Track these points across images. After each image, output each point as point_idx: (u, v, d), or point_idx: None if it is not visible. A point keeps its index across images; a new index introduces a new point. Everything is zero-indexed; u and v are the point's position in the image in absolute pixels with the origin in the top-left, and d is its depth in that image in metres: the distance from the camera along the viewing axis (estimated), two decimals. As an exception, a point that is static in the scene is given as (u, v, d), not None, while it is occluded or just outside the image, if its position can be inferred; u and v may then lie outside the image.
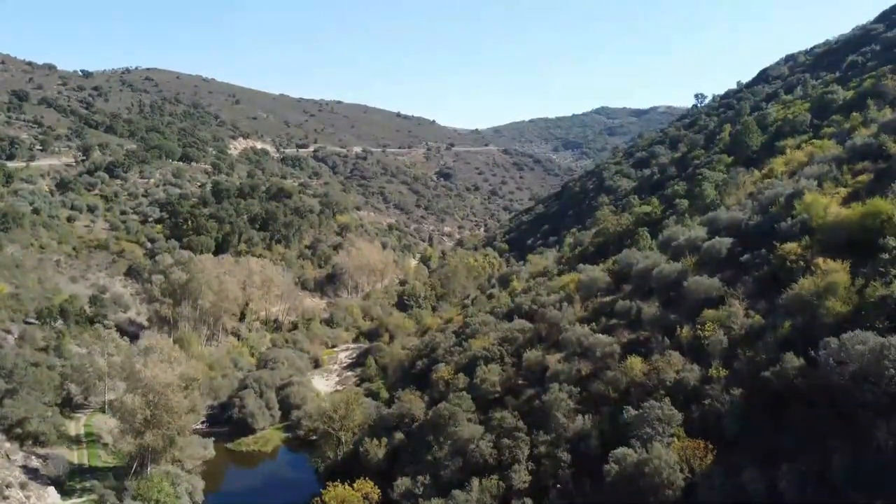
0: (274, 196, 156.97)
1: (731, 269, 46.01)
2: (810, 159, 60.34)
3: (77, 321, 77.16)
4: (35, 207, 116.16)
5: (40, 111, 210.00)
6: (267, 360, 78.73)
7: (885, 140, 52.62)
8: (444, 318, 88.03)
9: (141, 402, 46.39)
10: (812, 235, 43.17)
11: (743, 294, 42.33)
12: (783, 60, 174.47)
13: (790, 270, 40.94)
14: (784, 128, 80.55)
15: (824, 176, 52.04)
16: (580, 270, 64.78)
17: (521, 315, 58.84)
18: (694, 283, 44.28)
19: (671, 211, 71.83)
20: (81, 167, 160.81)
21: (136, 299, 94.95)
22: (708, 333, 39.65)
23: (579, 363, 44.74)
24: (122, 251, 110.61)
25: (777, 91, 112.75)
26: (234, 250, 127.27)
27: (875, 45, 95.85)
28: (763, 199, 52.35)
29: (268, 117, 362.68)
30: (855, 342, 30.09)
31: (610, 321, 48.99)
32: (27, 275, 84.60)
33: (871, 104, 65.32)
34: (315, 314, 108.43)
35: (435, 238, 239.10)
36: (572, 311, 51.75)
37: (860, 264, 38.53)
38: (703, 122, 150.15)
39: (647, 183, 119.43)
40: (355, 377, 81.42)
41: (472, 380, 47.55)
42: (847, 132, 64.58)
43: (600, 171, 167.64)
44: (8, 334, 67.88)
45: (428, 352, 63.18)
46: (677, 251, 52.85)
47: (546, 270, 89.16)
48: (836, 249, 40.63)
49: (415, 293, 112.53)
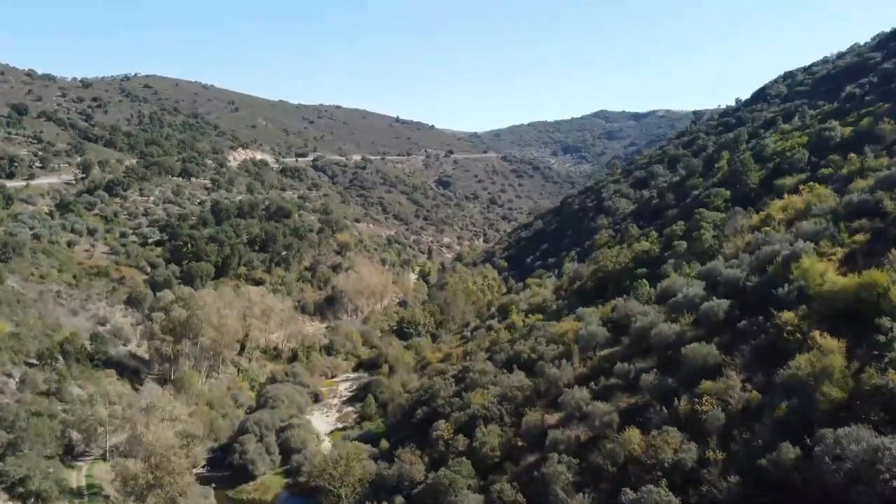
0: (273, 215, 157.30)
1: (728, 334, 46.44)
2: (807, 209, 60.83)
3: (77, 359, 77.42)
4: (35, 233, 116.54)
5: (40, 125, 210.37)
6: (267, 397, 78.95)
7: (882, 197, 52.99)
8: (444, 351, 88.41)
9: (143, 466, 46.72)
10: (809, 304, 43.55)
11: (740, 364, 42.70)
12: (781, 77, 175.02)
13: (787, 342, 41.40)
14: (782, 165, 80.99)
15: (821, 234, 52.41)
16: (579, 315, 65.22)
17: (521, 365, 59.21)
18: (692, 351, 44.64)
19: (670, 252, 72.03)
20: (81, 185, 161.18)
21: (136, 330, 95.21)
22: (705, 408, 40.02)
23: (578, 428, 45.10)
24: (122, 278, 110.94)
25: (775, 118, 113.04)
26: (234, 273, 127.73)
27: (873, 77, 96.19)
28: (761, 256, 52.68)
29: (267, 125, 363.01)
30: (850, 440, 30.39)
31: (609, 380, 49.36)
32: (28, 310, 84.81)
33: (869, 152, 65.47)
34: (315, 341, 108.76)
35: (434, 250, 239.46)
36: (571, 369, 52.09)
37: (857, 339, 38.90)
38: (702, 141, 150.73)
39: (646, 208, 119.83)
40: (355, 413, 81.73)
41: (472, 441, 47.85)
42: (844, 179, 65.06)
43: (599, 190, 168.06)
44: (9, 378, 68.10)
45: (427, 398, 63.43)
46: (675, 307, 53.27)
47: (545, 302, 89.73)
48: (833, 320, 41.15)
49: (414, 320, 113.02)
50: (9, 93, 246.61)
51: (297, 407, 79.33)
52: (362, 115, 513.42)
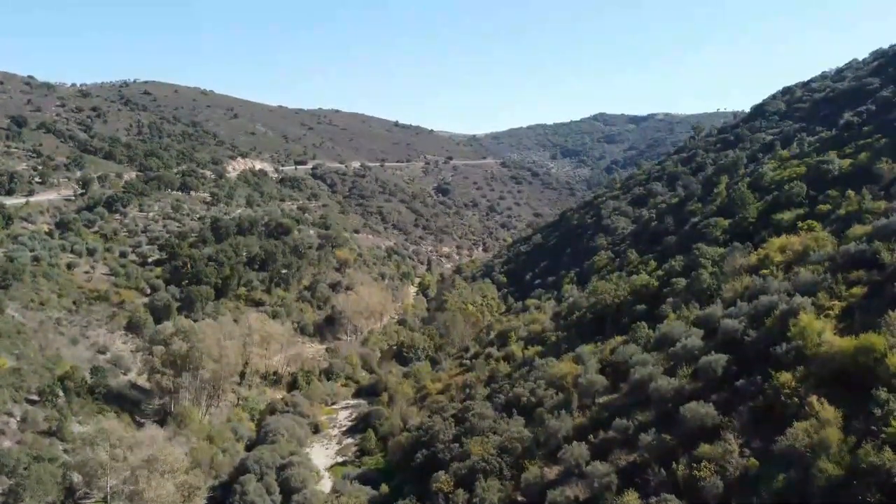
0: (273, 231, 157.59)
1: (727, 391, 46.79)
2: (805, 252, 61.18)
3: (78, 393, 77.68)
4: (35, 255, 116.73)
5: (39, 137, 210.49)
6: (267, 430, 79.27)
7: (880, 248, 53.31)
8: (443, 381, 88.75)
9: (144, 524, 47.10)
10: (807, 363, 43.92)
11: (738, 426, 43.01)
12: (780, 93, 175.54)
13: (785, 405, 41.76)
14: (780, 198, 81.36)
15: (819, 285, 52.76)
16: (578, 355, 65.66)
17: (520, 409, 59.71)
18: (690, 411, 44.92)
19: (669, 289, 72.42)
20: (81, 201, 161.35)
21: (135, 357, 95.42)
22: (704, 474, 40.32)
23: (577, 487, 45.38)
24: (122, 302, 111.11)
25: (773, 142, 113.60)
26: (234, 294, 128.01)
27: (871, 105, 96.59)
28: (759, 307, 53.04)
29: (266, 132, 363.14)
30: (847, 525, 30.72)
31: (608, 433, 49.69)
32: (28, 342, 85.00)
33: (867, 194, 65.83)
34: (314, 365, 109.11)
35: (433, 261, 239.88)
36: (570, 420, 52.47)
37: (855, 406, 39.17)
38: (701, 158, 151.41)
39: (645, 230, 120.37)
40: (355, 446, 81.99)
41: (472, 497, 48.19)
42: (842, 220, 65.42)
43: (598, 206, 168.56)
44: (10, 418, 68.31)
45: (428, 439, 63.83)
46: (674, 357, 53.75)
47: (544, 332, 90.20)
48: (831, 384, 41.58)
49: (413, 344, 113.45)
50: (8, 103, 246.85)
51: (297, 440, 79.56)
52: (361, 119, 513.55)
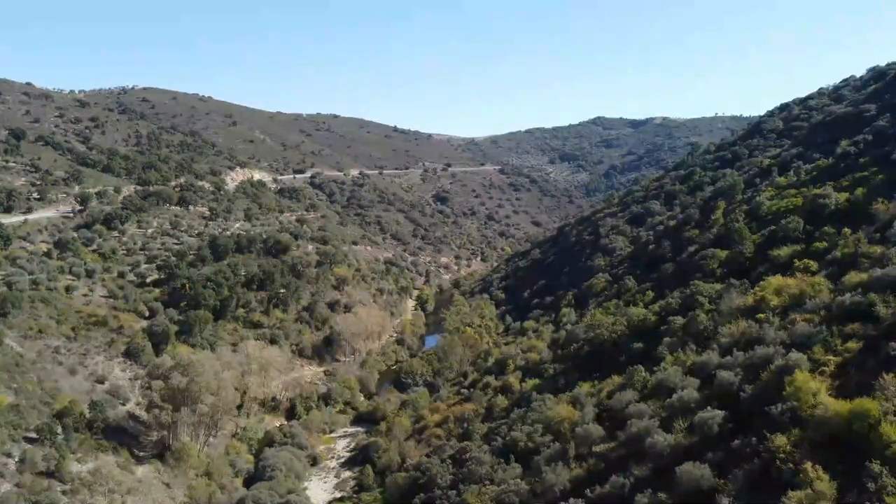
0: (271, 249, 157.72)
1: (722, 450, 47.13)
2: (801, 297, 61.56)
3: (76, 429, 77.78)
4: (34, 279, 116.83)
5: (37, 150, 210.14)
6: (265, 465, 79.51)
7: (875, 300, 53.66)
8: (442, 412, 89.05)
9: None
10: (802, 425, 44.29)
11: (734, 489, 43.30)
12: (778, 109, 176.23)
13: (780, 469, 42.10)
14: (777, 233, 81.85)
15: (814, 338, 53.12)
16: (575, 396, 66.10)
17: (517, 455, 60.15)
18: (686, 473, 45.20)
19: (666, 327, 72.85)
20: (79, 219, 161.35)
21: (134, 385, 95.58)
22: (699, 544, 40.69)
23: (574, 546, 45.80)
24: (120, 327, 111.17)
25: (770, 168, 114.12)
26: (232, 316, 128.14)
27: (868, 135, 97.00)
28: (755, 359, 53.39)
29: (265, 140, 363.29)
30: None
31: (604, 488, 50.03)
32: (26, 375, 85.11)
33: (863, 238, 66.20)
34: (313, 391, 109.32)
35: (432, 272, 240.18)
36: (566, 472, 52.78)
37: (850, 473, 39.51)
38: (699, 177, 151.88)
39: (643, 252, 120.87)
40: (353, 479, 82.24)
41: (469, 554, 48.41)
42: (839, 263, 65.78)
43: (596, 222, 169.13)
44: (9, 458, 68.38)
45: (425, 482, 64.19)
46: (670, 409, 54.12)
47: (542, 362, 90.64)
48: (825, 448, 41.99)
49: (412, 370, 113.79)
50: (6, 114, 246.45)
51: (296, 474, 79.81)
52: (360, 124, 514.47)
